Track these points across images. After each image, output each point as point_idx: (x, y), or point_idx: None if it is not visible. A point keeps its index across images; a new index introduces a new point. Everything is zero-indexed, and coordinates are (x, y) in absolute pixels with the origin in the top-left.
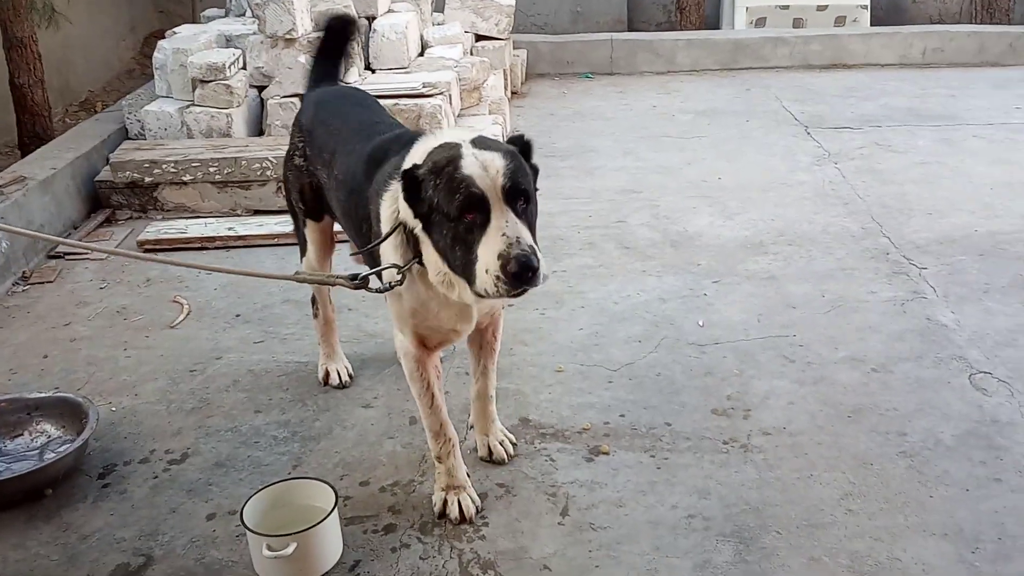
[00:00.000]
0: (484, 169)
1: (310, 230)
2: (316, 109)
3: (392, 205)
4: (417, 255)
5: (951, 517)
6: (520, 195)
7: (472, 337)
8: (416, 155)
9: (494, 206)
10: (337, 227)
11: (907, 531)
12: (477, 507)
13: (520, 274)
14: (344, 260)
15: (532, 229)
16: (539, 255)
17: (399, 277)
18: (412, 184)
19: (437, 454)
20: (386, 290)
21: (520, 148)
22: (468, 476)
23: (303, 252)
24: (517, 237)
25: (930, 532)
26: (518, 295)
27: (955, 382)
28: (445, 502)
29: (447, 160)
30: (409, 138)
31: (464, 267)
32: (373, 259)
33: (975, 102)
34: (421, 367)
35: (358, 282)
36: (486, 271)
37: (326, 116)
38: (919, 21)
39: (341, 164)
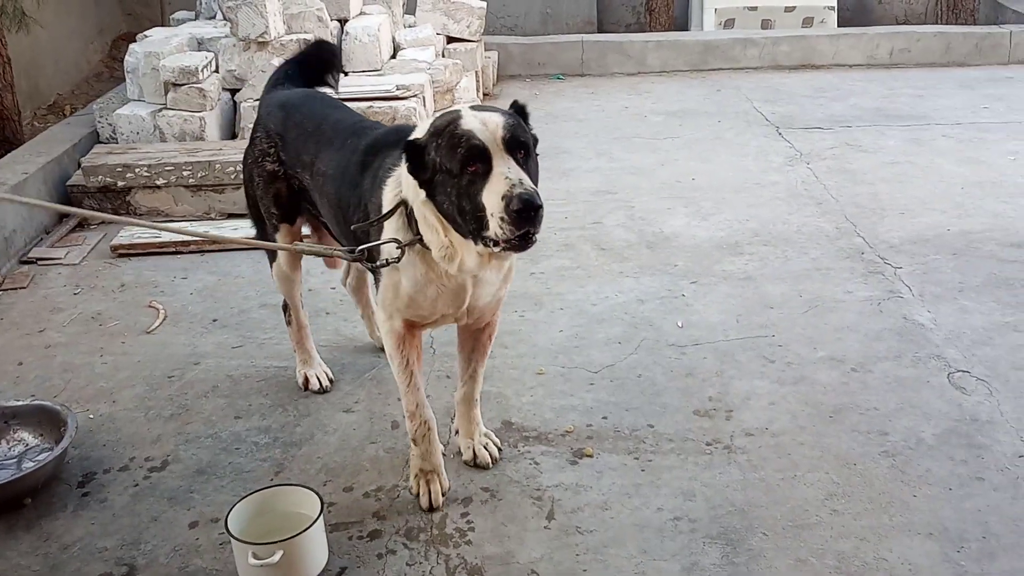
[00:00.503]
0: (484, 124)
1: (282, 235)
2: (285, 112)
3: (394, 190)
4: (418, 235)
5: (936, 516)
6: (520, 146)
7: (465, 338)
8: (419, 130)
9: (495, 155)
10: (305, 231)
11: (892, 531)
12: (445, 492)
13: (523, 211)
14: (314, 263)
15: (534, 179)
16: (541, 198)
17: (399, 253)
18: (415, 152)
19: (413, 436)
20: (384, 264)
21: (517, 112)
22: (444, 456)
23: (272, 260)
24: (519, 179)
25: (915, 532)
26: (524, 241)
27: (934, 381)
28: (419, 487)
29: (447, 121)
30: (408, 130)
31: (472, 219)
32: (374, 249)
33: (943, 102)
34: (404, 345)
35: (356, 254)
36: (491, 215)
37: (300, 118)
38: (885, 22)
39: (329, 161)
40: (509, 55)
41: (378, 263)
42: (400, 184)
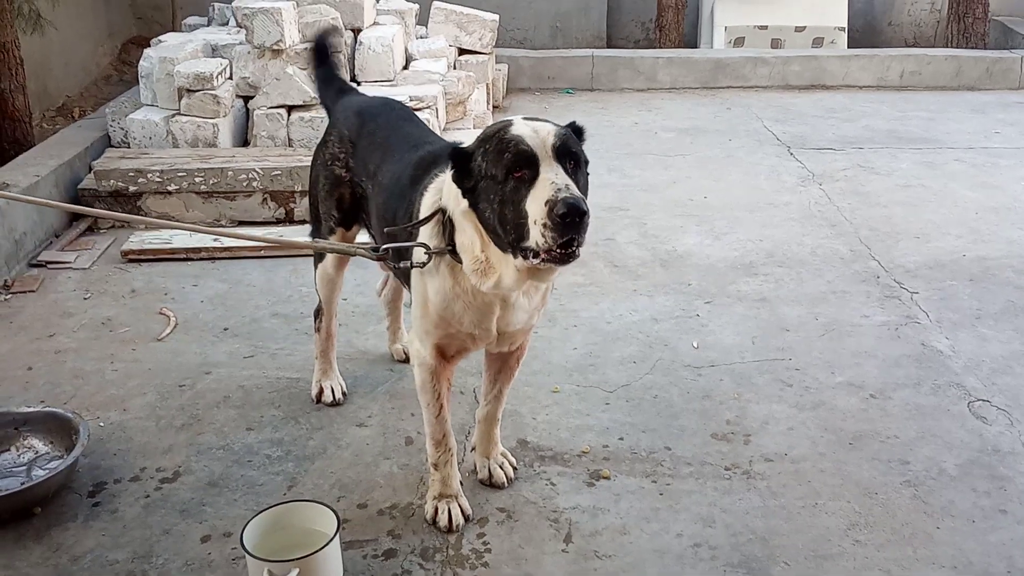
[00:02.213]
0: (535, 131)
1: (336, 238)
2: (361, 120)
3: (433, 196)
4: (450, 245)
5: (959, 549)
6: (570, 156)
7: (493, 359)
8: (468, 140)
9: (543, 161)
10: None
11: (917, 563)
12: (468, 517)
13: (567, 215)
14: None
15: (582, 192)
16: (587, 206)
17: (425, 257)
18: (461, 160)
19: (435, 461)
20: (411, 267)
21: (574, 132)
22: (461, 484)
23: (319, 259)
24: (566, 184)
25: (939, 565)
26: (566, 253)
27: (954, 410)
28: (436, 510)
29: (497, 128)
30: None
31: (514, 227)
32: (403, 253)
33: (954, 125)
34: (435, 379)
35: (380, 253)
36: (533, 222)
37: (373, 127)
38: (895, 43)
39: (386, 171)
40: (519, 68)
41: (403, 264)
42: (441, 192)
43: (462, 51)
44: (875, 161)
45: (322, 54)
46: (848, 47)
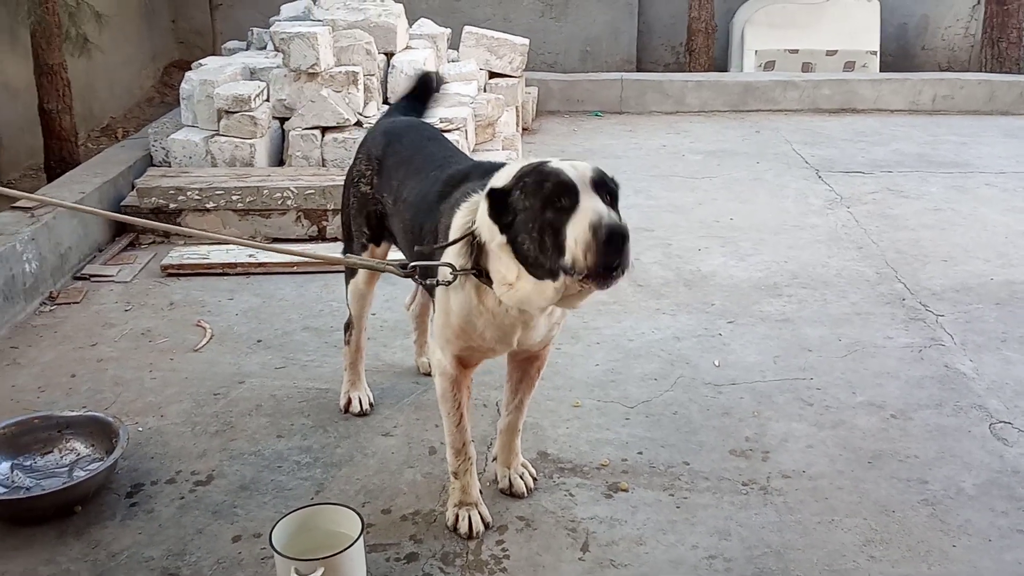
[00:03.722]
0: (573, 167)
1: (368, 255)
2: (387, 139)
3: (467, 216)
4: (476, 267)
5: (974, 568)
6: (607, 190)
7: (514, 369)
8: (502, 177)
9: (583, 192)
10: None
11: None
12: (487, 524)
13: (611, 238)
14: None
15: None
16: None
17: (451, 277)
18: (498, 198)
19: (455, 470)
20: (436, 284)
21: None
22: (481, 493)
23: (351, 275)
24: (608, 211)
25: None
26: (608, 276)
27: (975, 431)
28: (457, 517)
29: (534, 166)
30: (491, 167)
31: (552, 252)
32: (429, 270)
33: (986, 150)
34: (455, 388)
35: (408, 271)
36: (575, 242)
37: (399, 147)
38: (928, 68)
39: (411, 188)
40: (549, 91)
41: (429, 281)
42: (474, 214)
43: (492, 74)
44: (904, 185)
45: (420, 94)
46: (880, 71)
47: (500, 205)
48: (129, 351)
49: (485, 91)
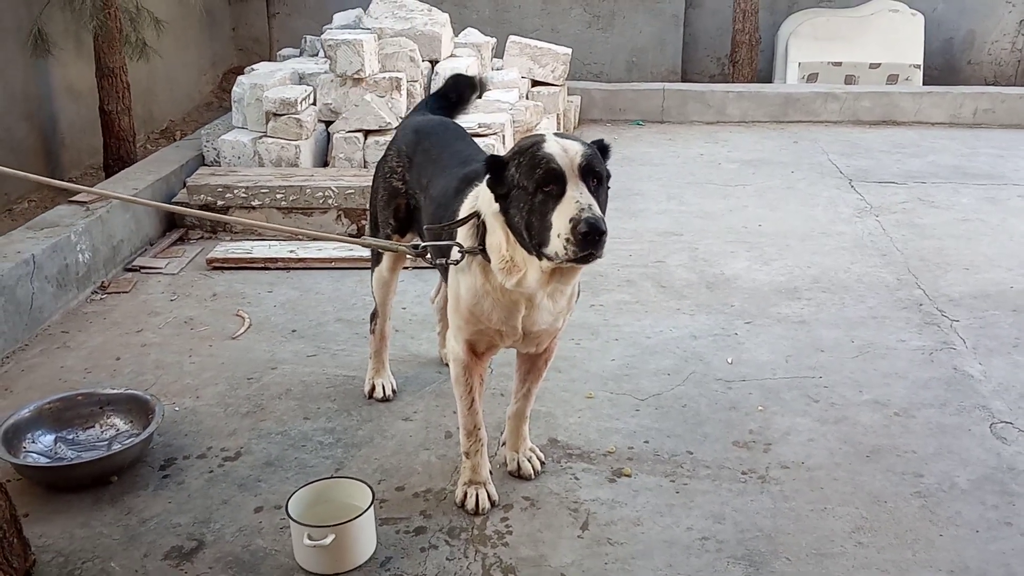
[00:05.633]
0: (564, 151)
1: None
2: (417, 136)
3: (471, 201)
4: (482, 246)
5: (959, 556)
6: (593, 175)
7: (523, 361)
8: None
9: (570, 179)
10: None
11: (914, 566)
12: (493, 502)
13: (588, 234)
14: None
15: (602, 208)
16: (606, 225)
17: (459, 256)
18: (496, 167)
19: (466, 450)
20: (446, 263)
21: (600, 149)
22: (491, 474)
23: (376, 263)
24: (588, 204)
25: (937, 568)
26: (585, 259)
27: (976, 430)
28: (465, 495)
29: (531, 143)
30: None
31: (538, 234)
32: (440, 251)
33: (1023, 162)
34: (467, 373)
35: (419, 251)
36: (557, 235)
37: (428, 145)
38: (974, 83)
39: (436, 185)
40: (592, 100)
41: (439, 261)
42: (478, 197)
43: (535, 83)
44: (935, 195)
45: (452, 94)
46: (924, 84)
47: (498, 176)
48: (171, 337)
49: (527, 99)
